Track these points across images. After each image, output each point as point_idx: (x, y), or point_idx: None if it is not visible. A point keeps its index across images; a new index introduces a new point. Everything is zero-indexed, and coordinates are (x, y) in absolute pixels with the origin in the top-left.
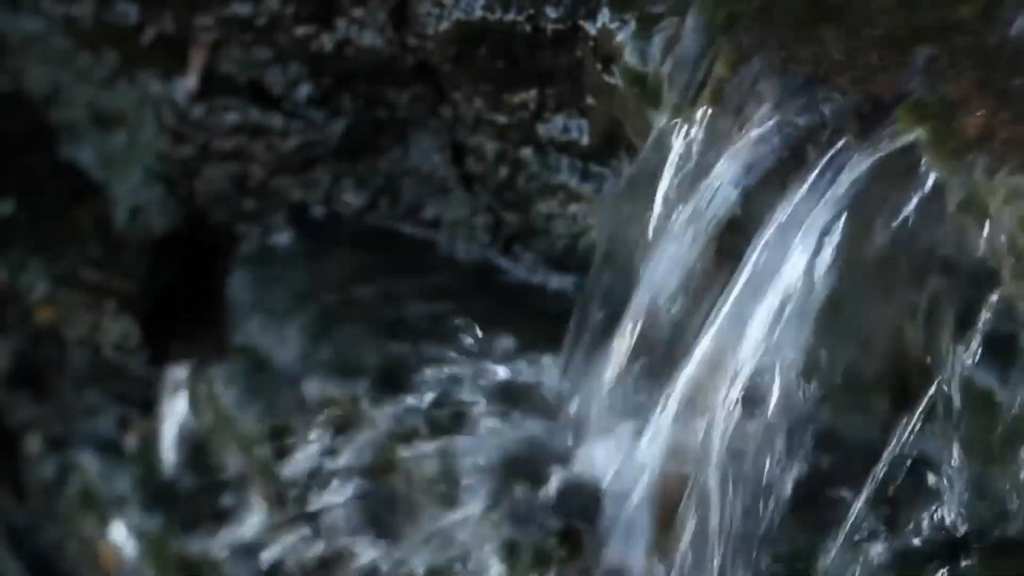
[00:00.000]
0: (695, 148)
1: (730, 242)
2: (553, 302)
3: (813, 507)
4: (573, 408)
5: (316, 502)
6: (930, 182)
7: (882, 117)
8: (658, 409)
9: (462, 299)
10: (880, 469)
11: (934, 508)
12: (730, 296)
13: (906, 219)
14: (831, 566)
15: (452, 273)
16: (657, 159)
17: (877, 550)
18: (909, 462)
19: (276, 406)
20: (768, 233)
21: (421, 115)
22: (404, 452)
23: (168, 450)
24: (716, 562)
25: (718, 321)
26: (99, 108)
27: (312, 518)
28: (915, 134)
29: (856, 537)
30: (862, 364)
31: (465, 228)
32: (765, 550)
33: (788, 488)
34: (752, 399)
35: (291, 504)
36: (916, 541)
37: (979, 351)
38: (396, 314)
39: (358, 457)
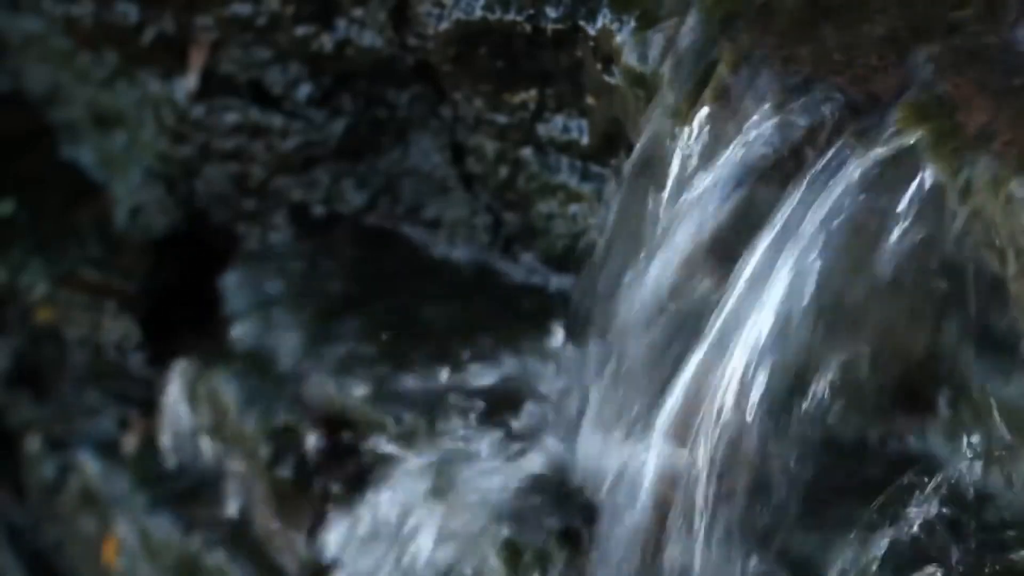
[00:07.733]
0: (695, 148)
1: (730, 242)
2: (553, 302)
3: (816, 506)
4: (572, 407)
5: (316, 502)
6: (930, 182)
7: (882, 117)
8: (658, 408)
9: (462, 299)
10: (882, 469)
11: (936, 507)
12: (730, 296)
13: (906, 219)
14: (835, 566)
15: (452, 273)
16: (656, 159)
17: (880, 549)
18: (911, 462)
19: (276, 406)
20: (768, 233)
21: (421, 115)
22: (404, 453)
23: (168, 450)
24: (713, 561)
25: (718, 321)
26: (99, 108)
27: (313, 518)
28: (915, 134)
29: (859, 536)
30: (865, 365)
31: (465, 228)
32: (766, 550)
33: (789, 487)
34: (751, 399)
35: (291, 504)
36: (918, 540)
37: (981, 351)
38: (396, 314)
39: (359, 458)
